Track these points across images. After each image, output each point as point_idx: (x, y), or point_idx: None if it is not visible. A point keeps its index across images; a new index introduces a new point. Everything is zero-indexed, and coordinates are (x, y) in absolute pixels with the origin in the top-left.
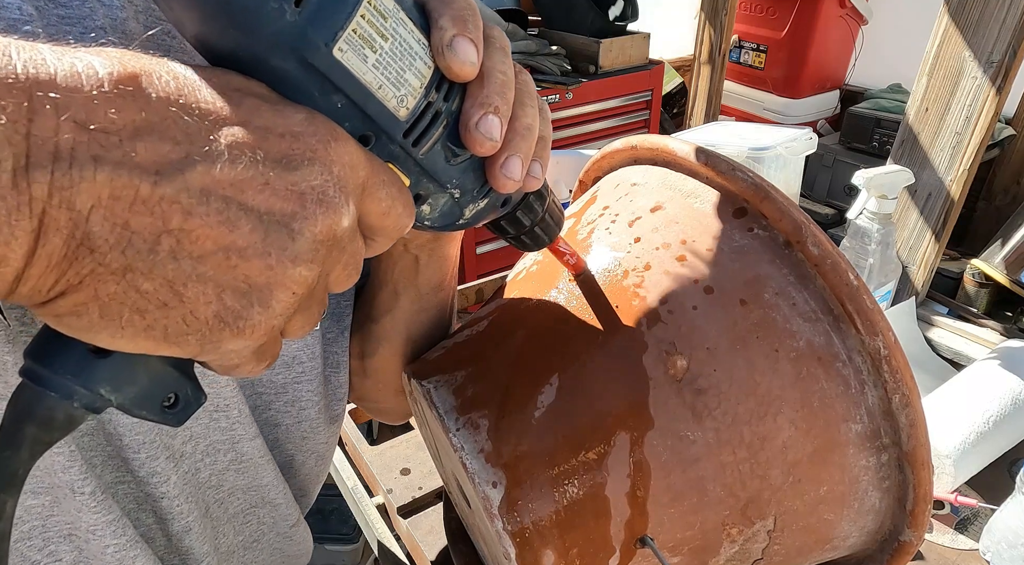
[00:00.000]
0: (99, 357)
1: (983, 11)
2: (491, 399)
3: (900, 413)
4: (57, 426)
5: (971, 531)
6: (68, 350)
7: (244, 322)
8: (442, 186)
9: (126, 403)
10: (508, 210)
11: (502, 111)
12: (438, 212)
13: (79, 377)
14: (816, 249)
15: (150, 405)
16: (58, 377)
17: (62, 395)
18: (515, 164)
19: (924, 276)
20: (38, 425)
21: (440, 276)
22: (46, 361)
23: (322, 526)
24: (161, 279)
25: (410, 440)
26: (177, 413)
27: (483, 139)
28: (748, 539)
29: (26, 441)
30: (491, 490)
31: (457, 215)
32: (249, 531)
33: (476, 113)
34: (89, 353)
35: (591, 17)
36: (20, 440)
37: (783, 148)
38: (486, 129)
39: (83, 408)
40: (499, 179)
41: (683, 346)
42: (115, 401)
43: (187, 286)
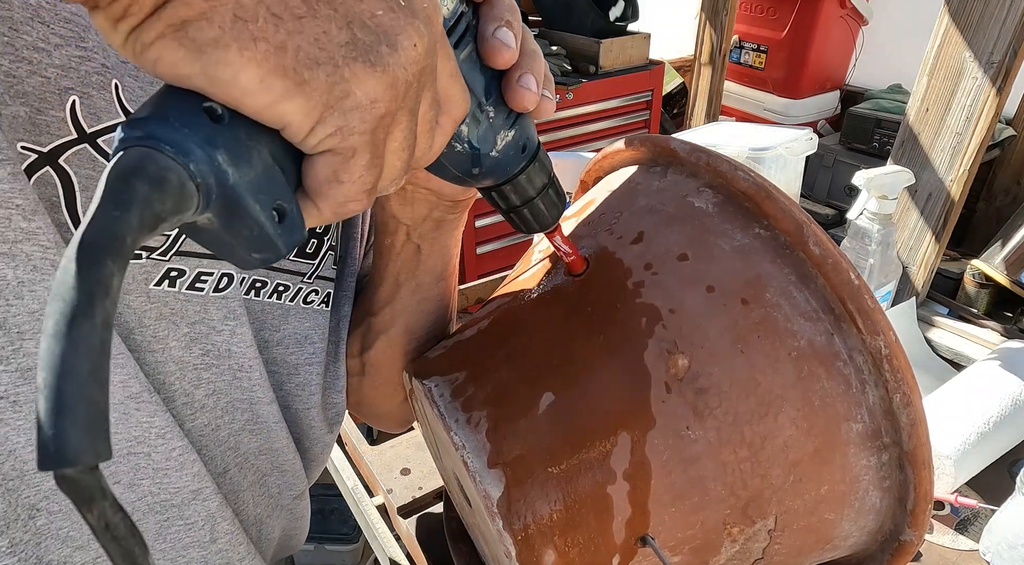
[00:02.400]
0: (216, 122)
1: (983, 11)
2: (492, 398)
3: (901, 412)
4: (169, 191)
5: (971, 532)
6: (183, 109)
7: (375, 57)
8: (478, 100)
9: (242, 184)
10: (526, 161)
11: (514, 27)
12: (476, 134)
13: (196, 133)
14: (817, 249)
15: (263, 200)
16: (174, 131)
17: (178, 150)
18: (530, 79)
19: (924, 276)
20: (151, 183)
21: (441, 266)
22: (158, 118)
23: (322, 526)
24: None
25: (410, 440)
26: (285, 231)
27: (501, 46)
28: (749, 538)
29: (136, 201)
30: (492, 488)
31: (491, 142)
32: (263, 505)
33: (491, 25)
34: (204, 117)
35: (591, 17)
36: (130, 199)
37: (783, 148)
38: (503, 36)
39: (199, 177)
40: (518, 92)
41: (684, 345)
42: (231, 177)
43: (320, 3)
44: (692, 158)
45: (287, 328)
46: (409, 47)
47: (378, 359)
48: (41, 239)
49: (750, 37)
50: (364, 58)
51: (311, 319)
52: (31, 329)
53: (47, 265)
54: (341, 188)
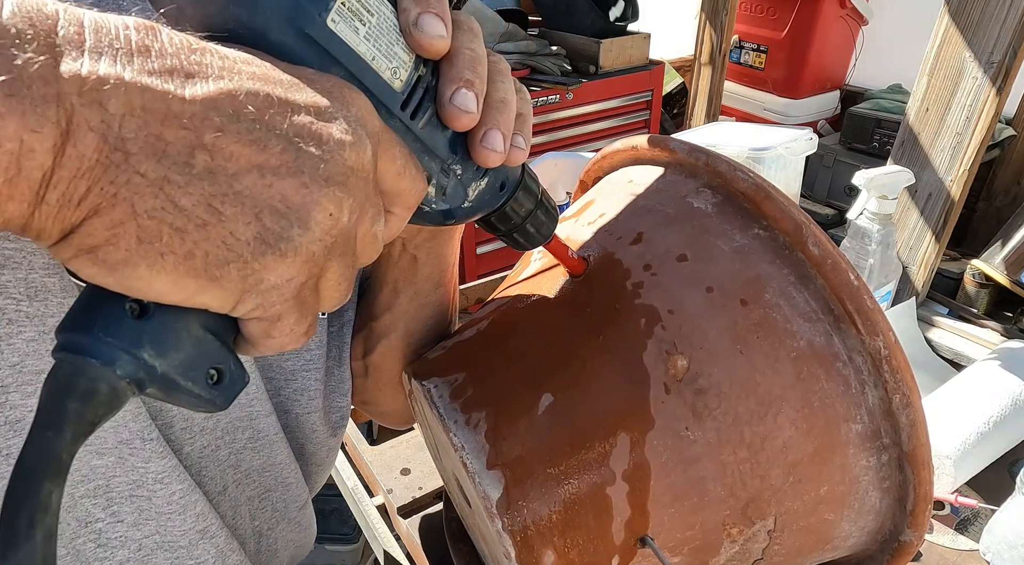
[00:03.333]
0: (140, 319)
1: (983, 11)
2: (491, 399)
3: (900, 413)
4: (101, 400)
5: (971, 532)
6: (106, 314)
7: (286, 243)
8: (443, 162)
9: (171, 370)
10: (506, 196)
11: (475, 85)
12: (445, 193)
13: (121, 340)
14: (817, 249)
15: (195, 376)
16: (98, 342)
17: (104, 361)
18: (495, 136)
19: (924, 276)
20: (81, 399)
21: (438, 274)
22: (83, 328)
23: (322, 526)
24: (199, 195)
25: (410, 440)
26: (223, 390)
27: (459, 112)
28: (748, 539)
29: (68, 420)
30: (491, 489)
31: (462, 196)
32: (264, 518)
33: (449, 88)
34: (128, 316)
35: (591, 17)
36: (62, 419)
37: (783, 148)
38: (460, 102)
39: (127, 378)
40: (481, 153)
41: (684, 346)
42: (159, 368)
43: (225, 204)
44: (691, 158)
45: None
46: (324, 220)
47: (380, 362)
48: (12, 292)
49: (750, 37)
50: (274, 249)
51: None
52: (14, 382)
53: (21, 317)
54: (277, 341)
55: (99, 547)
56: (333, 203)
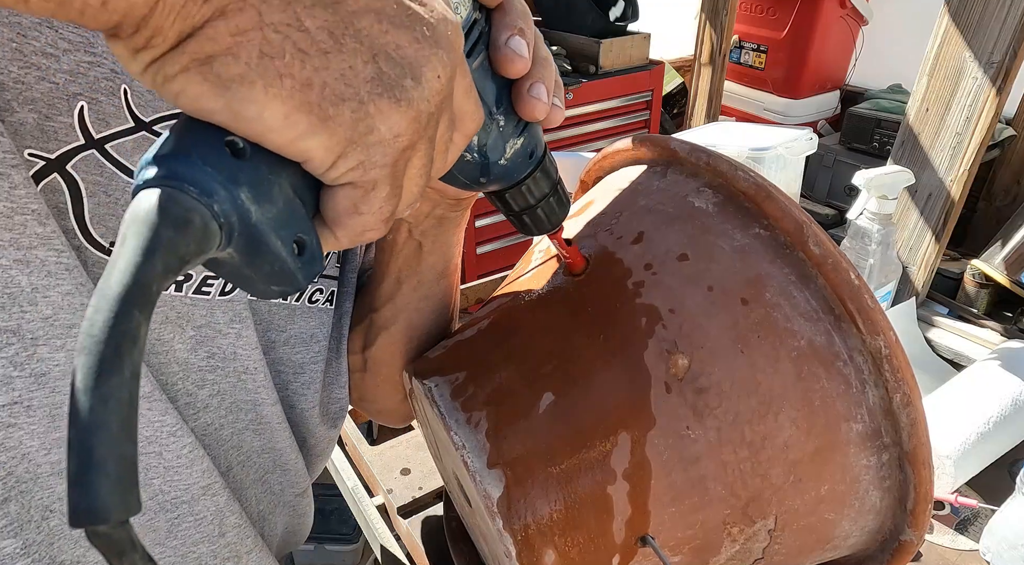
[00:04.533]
0: (238, 158)
1: (983, 12)
2: (492, 398)
3: (901, 412)
4: (193, 233)
5: (971, 532)
6: (205, 145)
7: (401, 92)
8: (489, 109)
9: (264, 221)
10: (533, 166)
11: (527, 35)
12: (487, 144)
13: (220, 172)
14: (817, 248)
15: (284, 236)
16: (196, 171)
17: (201, 191)
18: (541, 88)
19: (924, 276)
20: (174, 227)
21: (443, 264)
22: (182, 155)
23: (322, 526)
24: (323, 20)
25: (410, 440)
26: (306, 264)
27: (513, 55)
28: (749, 538)
29: (160, 247)
30: (492, 488)
31: (500, 151)
32: (267, 501)
33: (505, 33)
34: (226, 151)
35: (591, 17)
36: (154, 245)
37: (783, 148)
38: (515, 45)
39: (222, 216)
40: (528, 102)
41: (684, 345)
42: (254, 215)
43: (346, 37)
44: (692, 158)
45: (293, 328)
46: (433, 79)
47: (380, 356)
48: (55, 243)
49: (750, 37)
50: (389, 93)
51: (316, 318)
52: (45, 335)
53: (61, 269)
54: (361, 219)
55: None
56: (441, 65)
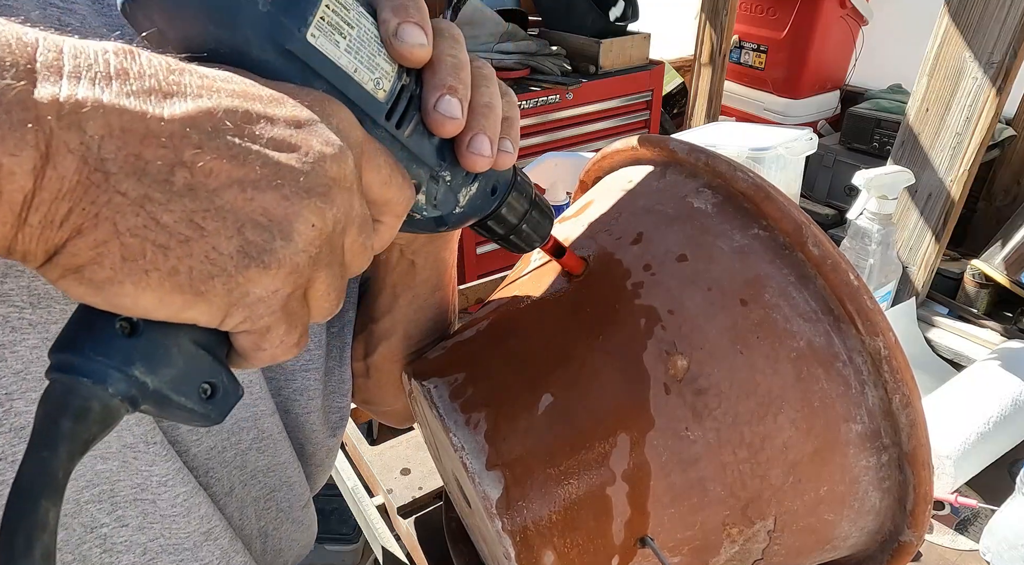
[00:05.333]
0: (130, 337)
1: (983, 12)
2: (491, 399)
3: (900, 413)
4: (94, 418)
5: (971, 532)
6: (96, 334)
7: (269, 256)
8: (431, 169)
9: (163, 386)
10: (498, 201)
11: (459, 91)
12: (435, 200)
13: (112, 358)
14: (817, 249)
15: (188, 391)
16: (89, 361)
17: (95, 380)
18: (481, 141)
19: (924, 277)
20: (74, 419)
21: (436, 278)
22: (74, 349)
23: (322, 526)
24: (180, 211)
25: (410, 440)
26: (217, 403)
27: (443, 118)
28: (748, 539)
29: (63, 439)
30: (491, 490)
31: (453, 202)
32: (269, 518)
33: (433, 95)
34: (119, 334)
35: (591, 17)
36: (56, 439)
37: (783, 148)
38: (444, 108)
39: (119, 395)
40: (468, 158)
41: (683, 346)
42: (151, 385)
43: (206, 219)
44: (691, 158)
45: None
46: (306, 231)
47: (381, 363)
48: (15, 300)
49: (750, 37)
50: (257, 262)
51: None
52: (18, 389)
53: (24, 324)
54: (266, 353)
55: (105, 552)
56: (315, 214)
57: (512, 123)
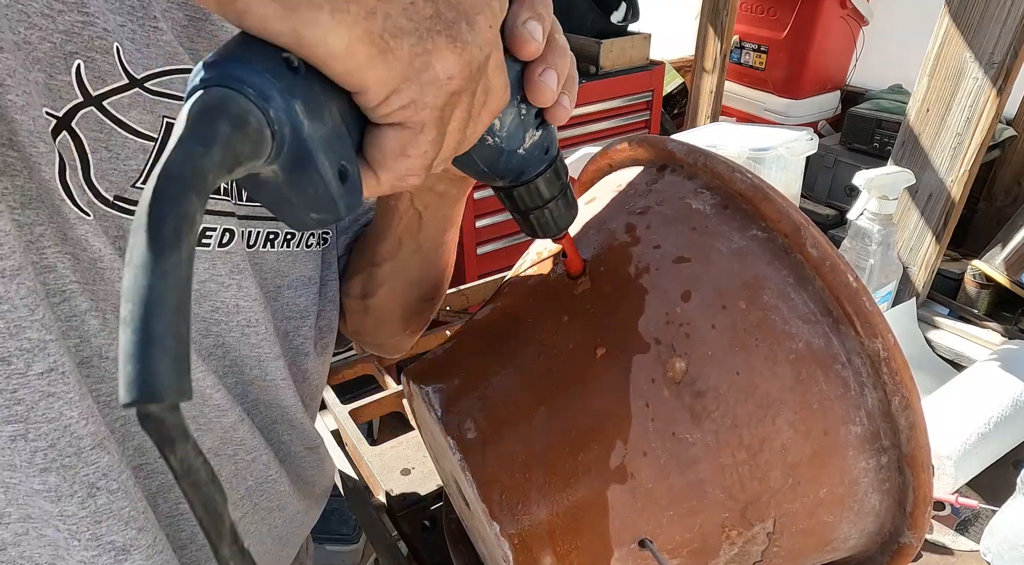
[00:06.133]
0: (293, 73)
1: (984, 12)
2: (489, 402)
3: (900, 415)
4: (249, 134)
5: (972, 532)
6: (263, 55)
7: (457, 32)
8: (512, 97)
9: (315, 137)
10: (547, 164)
11: (545, 20)
12: (506, 130)
13: (279, 80)
14: (815, 251)
15: (332, 158)
16: (256, 75)
17: (259, 94)
18: (551, 75)
19: (925, 277)
20: (232, 124)
21: (440, 234)
22: (241, 60)
23: (322, 526)
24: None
25: (410, 440)
26: (347, 190)
27: (528, 38)
28: (747, 541)
29: (220, 141)
30: (489, 493)
31: (519, 140)
32: (276, 447)
33: (524, 14)
34: (284, 65)
35: (591, 18)
36: (213, 136)
37: (784, 149)
38: (531, 28)
39: (276, 123)
40: (537, 86)
41: (681, 348)
42: (306, 129)
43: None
44: (689, 159)
45: (295, 272)
46: (485, 27)
47: (380, 305)
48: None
49: (750, 37)
50: (447, 32)
51: (312, 260)
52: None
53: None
54: (406, 162)
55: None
56: (492, 16)
57: (573, 82)
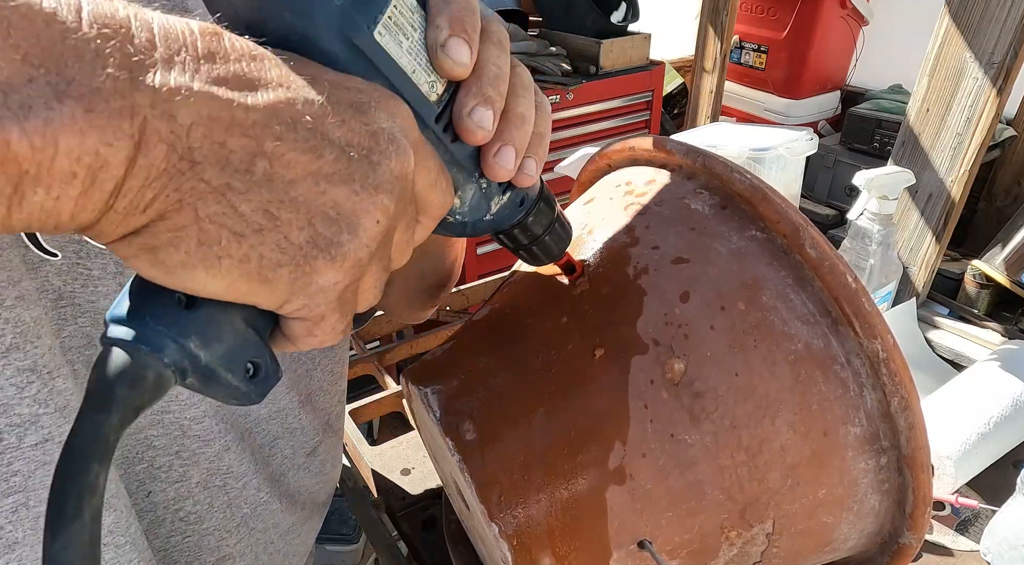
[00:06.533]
0: (187, 310)
1: (984, 12)
2: (488, 403)
3: (899, 416)
4: (148, 386)
5: (972, 532)
6: (156, 304)
7: (336, 249)
8: (470, 175)
9: (213, 361)
10: (524, 212)
11: (495, 103)
12: (467, 205)
13: (170, 329)
14: (814, 251)
15: (235, 368)
16: (148, 329)
17: (153, 348)
18: (507, 153)
19: (925, 277)
20: (129, 385)
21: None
22: (134, 316)
23: (322, 526)
24: (257, 201)
25: (410, 440)
26: (258, 384)
27: (475, 128)
28: (747, 542)
29: (117, 404)
30: (488, 494)
31: (484, 209)
32: (276, 463)
33: (469, 103)
34: (177, 306)
35: (591, 18)
36: (110, 403)
37: (784, 149)
38: (478, 118)
39: (172, 365)
40: (492, 167)
41: (680, 349)
42: (203, 358)
43: (281, 210)
44: (688, 160)
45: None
46: (371, 226)
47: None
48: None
49: (750, 37)
50: (324, 253)
51: None
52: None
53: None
54: (317, 339)
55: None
56: (380, 210)
57: (542, 139)
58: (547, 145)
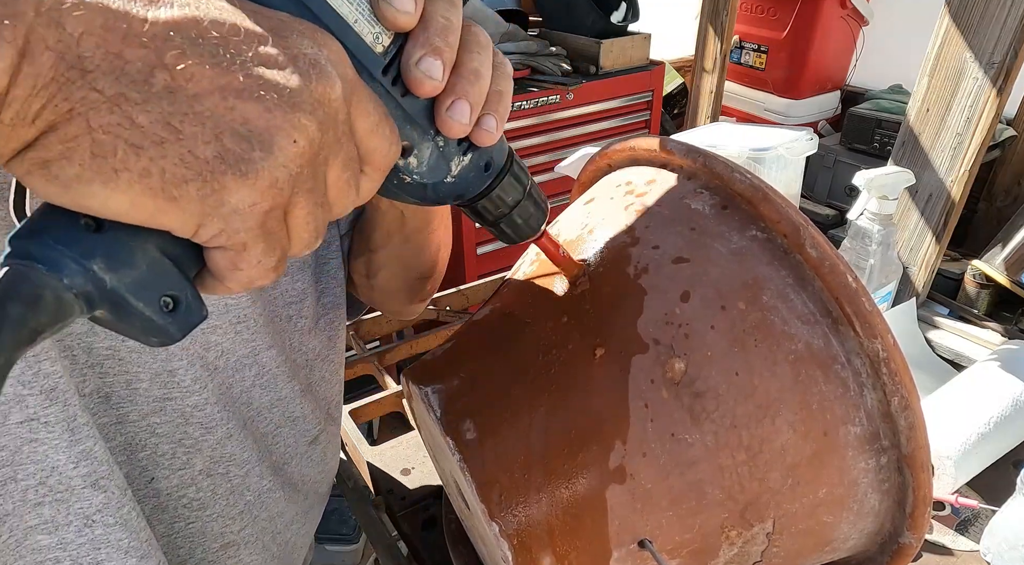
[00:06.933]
0: (94, 233)
1: (984, 12)
2: (489, 403)
3: (899, 415)
4: (44, 307)
5: (972, 532)
6: (59, 225)
7: (247, 165)
8: (425, 132)
9: (122, 287)
10: (491, 179)
11: (443, 53)
12: (425, 165)
13: (71, 249)
14: (814, 251)
15: (148, 298)
16: (46, 248)
17: (50, 267)
18: (461, 106)
19: (925, 277)
20: (24, 304)
21: (424, 225)
22: (33, 235)
23: (322, 526)
24: (157, 113)
25: (410, 440)
26: (178, 318)
27: (422, 78)
28: (747, 542)
29: (8, 322)
30: (489, 493)
31: (444, 170)
32: (279, 452)
33: (416, 53)
34: (82, 228)
35: (592, 18)
36: (2, 322)
37: (784, 149)
38: (425, 67)
39: (74, 289)
40: (445, 122)
41: (681, 349)
42: (109, 282)
43: (184, 123)
44: (688, 159)
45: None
46: (287, 145)
47: (383, 284)
48: None
49: (750, 37)
50: (234, 169)
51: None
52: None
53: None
54: (242, 274)
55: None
56: (298, 130)
57: (501, 97)
58: (508, 104)
